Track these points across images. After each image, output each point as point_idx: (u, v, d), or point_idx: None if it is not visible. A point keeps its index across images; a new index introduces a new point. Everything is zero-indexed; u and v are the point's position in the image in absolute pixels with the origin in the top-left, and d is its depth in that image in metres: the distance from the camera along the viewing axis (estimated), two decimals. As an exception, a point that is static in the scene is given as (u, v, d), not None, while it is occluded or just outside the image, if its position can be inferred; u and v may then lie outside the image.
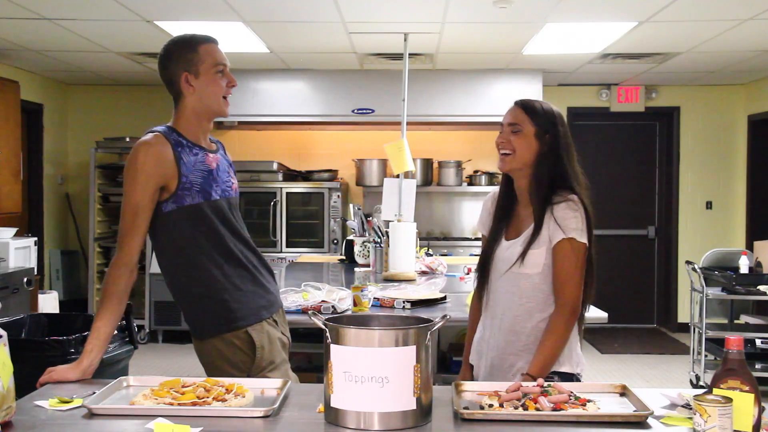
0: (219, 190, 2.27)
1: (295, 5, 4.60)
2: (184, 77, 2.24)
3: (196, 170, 2.21)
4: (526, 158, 2.20)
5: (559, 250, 2.13)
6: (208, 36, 2.28)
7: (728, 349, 1.59)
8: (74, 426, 1.68)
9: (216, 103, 2.25)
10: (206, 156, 2.26)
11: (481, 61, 6.43)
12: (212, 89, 2.24)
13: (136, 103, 7.66)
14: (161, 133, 2.22)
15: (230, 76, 2.27)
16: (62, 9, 4.70)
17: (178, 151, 2.19)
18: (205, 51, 2.23)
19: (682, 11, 4.64)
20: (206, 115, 2.28)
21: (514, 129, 2.21)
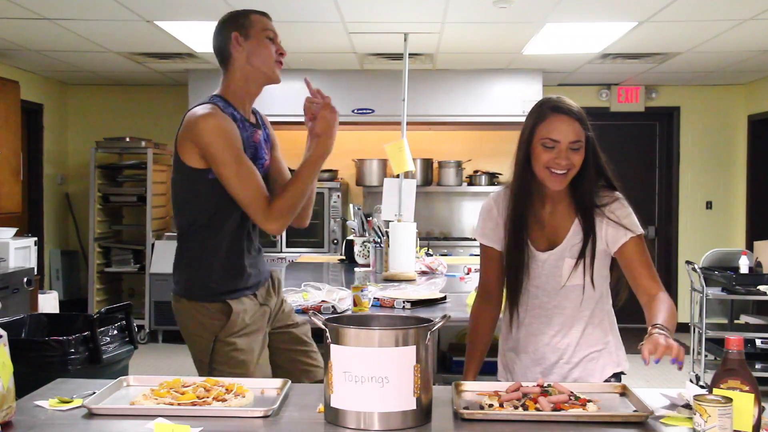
0: (260, 165, 2.33)
1: (295, 5, 4.60)
2: (234, 36, 2.27)
3: (249, 144, 2.27)
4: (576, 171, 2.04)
5: (631, 250, 2.03)
6: (263, 11, 2.35)
7: (728, 349, 1.59)
8: (74, 426, 1.68)
9: (266, 65, 2.28)
10: (255, 132, 2.32)
11: (481, 61, 6.43)
12: (261, 50, 2.27)
13: (136, 103, 7.65)
14: (217, 105, 2.23)
15: (280, 45, 2.31)
16: (62, 9, 4.70)
17: (238, 125, 2.24)
18: (257, 18, 2.30)
19: (682, 11, 4.64)
20: (255, 79, 2.30)
21: (576, 146, 2.01)
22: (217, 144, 2.17)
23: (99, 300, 7.05)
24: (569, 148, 2.00)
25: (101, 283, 7.14)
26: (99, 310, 3.24)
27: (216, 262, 2.29)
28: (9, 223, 6.00)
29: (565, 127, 2.00)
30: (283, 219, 2.24)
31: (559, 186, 2.03)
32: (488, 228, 2.18)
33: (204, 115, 2.19)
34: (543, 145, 2.01)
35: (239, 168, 2.18)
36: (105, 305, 5.00)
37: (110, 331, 3.23)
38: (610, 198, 2.07)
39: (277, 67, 2.30)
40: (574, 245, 2.07)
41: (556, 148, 2.00)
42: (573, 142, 2.00)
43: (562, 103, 2.04)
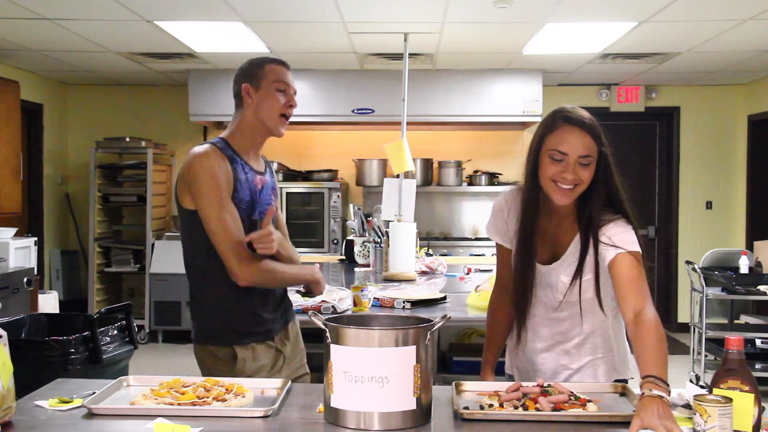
0: (258, 211, 2.30)
1: (295, 5, 4.60)
2: (245, 88, 2.28)
3: (245, 188, 2.25)
4: (586, 186, 1.94)
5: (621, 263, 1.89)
6: (281, 60, 2.34)
7: (728, 349, 1.59)
8: (74, 426, 1.68)
9: (271, 119, 2.28)
10: (255, 176, 2.30)
11: (481, 61, 6.43)
12: (269, 103, 2.27)
13: (136, 103, 7.65)
14: (216, 146, 2.24)
15: (291, 97, 2.31)
16: (62, 9, 4.70)
17: (234, 166, 2.23)
18: (271, 69, 2.29)
19: (682, 11, 4.64)
20: (260, 130, 2.31)
21: (585, 162, 1.90)
22: (201, 182, 2.15)
23: (99, 300, 7.05)
24: (578, 162, 1.91)
25: (101, 283, 7.14)
26: (99, 310, 3.23)
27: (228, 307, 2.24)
28: (9, 223, 5.99)
29: (574, 140, 1.91)
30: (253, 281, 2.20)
31: (564, 201, 1.95)
32: (498, 227, 2.18)
33: (198, 154, 2.19)
34: (551, 157, 1.93)
35: (221, 211, 2.15)
36: (105, 305, 5.00)
37: (110, 331, 3.23)
38: (610, 218, 1.97)
39: (280, 122, 2.30)
40: (572, 262, 2.01)
41: (563, 161, 1.91)
42: (582, 156, 1.90)
43: (575, 114, 1.95)
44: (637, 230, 1.96)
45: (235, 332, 2.24)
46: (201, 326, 2.29)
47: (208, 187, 2.15)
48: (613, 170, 1.97)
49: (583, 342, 2.11)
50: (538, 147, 1.97)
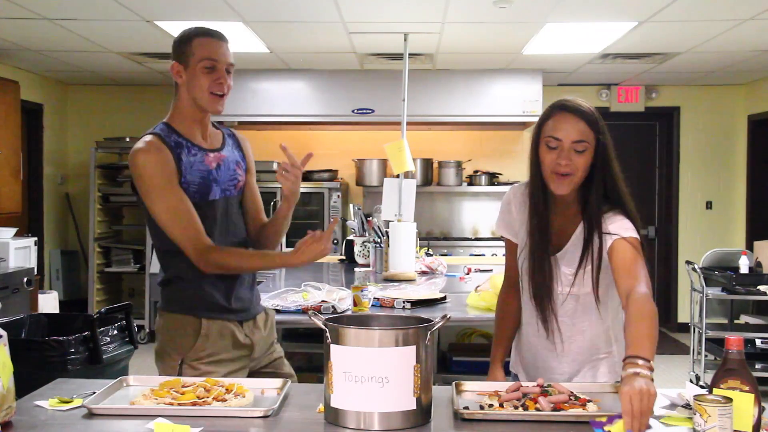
0: (219, 190, 2.26)
1: (295, 5, 4.60)
2: (174, 67, 2.24)
3: (194, 170, 2.20)
4: (583, 177, 1.95)
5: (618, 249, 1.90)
6: (209, 30, 2.25)
7: (728, 349, 1.59)
8: (74, 426, 1.68)
9: (202, 98, 2.21)
10: (205, 156, 2.25)
11: (481, 61, 6.43)
12: (197, 83, 2.20)
13: (136, 103, 7.66)
14: (158, 135, 2.20)
15: (222, 73, 2.22)
16: (62, 9, 4.70)
17: (177, 152, 2.19)
18: (198, 44, 2.20)
19: (682, 11, 4.64)
20: (197, 108, 2.24)
21: (579, 148, 1.92)
22: (143, 179, 2.16)
23: (99, 300, 7.05)
24: (573, 149, 1.92)
25: (101, 283, 7.14)
26: (99, 310, 3.24)
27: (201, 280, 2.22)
28: (9, 223, 6.00)
29: (568, 126, 1.93)
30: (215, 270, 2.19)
31: (562, 190, 1.95)
32: (505, 221, 2.19)
33: (136, 150, 2.18)
34: (547, 145, 1.95)
35: (164, 207, 2.14)
36: (105, 305, 5.00)
37: (110, 331, 3.23)
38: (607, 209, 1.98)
39: (212, 100, 2.21)
40: (574, 253, 2.02)
41: (558, 148, 1.93)
42: (576, 141, 1.92)
43: (570, 102, 1.97)
44: (635, 220, 1.97)
45: (203, 303, 2.22)
46: (170, 295, 2.26)
47: (151, 183, 2.15)
48: (613, 161, 1.97)
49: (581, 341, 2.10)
50: (537, 137, 2.00)
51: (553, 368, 2.13)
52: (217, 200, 2.25)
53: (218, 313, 2.23)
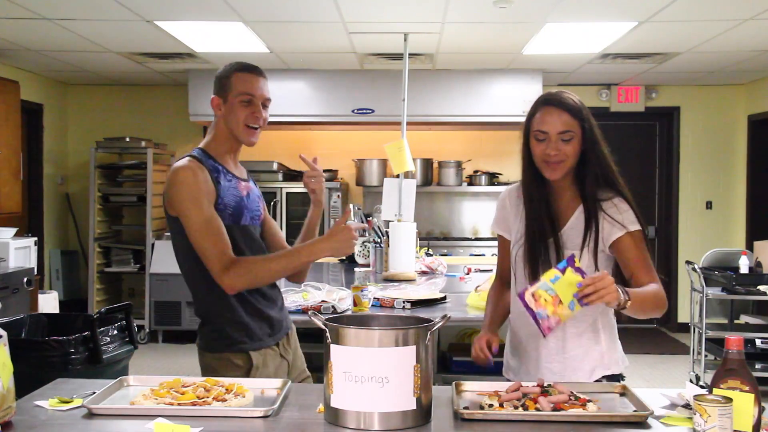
0: (248, 216, 2.32)
1: (295, 5, 4.60)
2: (214, 100, 2.32)
3: (229, 194, 2.26)
4: (573, 162, 2.09)
5: (625, 245, 2.06)
6: (248, 66, 2.34)
7: (728, 349, 1.59)
8: (74, 426, 1.68)
9: (237, 130, 2.29)
10: (238, 183, 2.32)
11: (481, 61, 6.43)
12: (233, 117, 2.28)
13: (136, 103, 7.66)
14: (196, 158, 2.25)
15: (258, 107, 2.30)
16: (62, 9, 4.70)
17: (215, 175, 2.24)
18: (237, 78, 2.29)
19: (682, 11, 4.64)
20: (233, 139, 2.32)
21: (566, 137, 2.06)
22: (180, 195, 2.18)
23: (99, 300, 7.05)
24: (560, 139, 2.06)
25: (101, 283, 7.14)
26: (99, 310, 3.23)
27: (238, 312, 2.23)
28: (9, 223, 5.99)
29: (553, 119, 2.07)
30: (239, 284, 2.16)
31: (555, 176, 2.09)
32: (500, 218, 2.30)
33: (177, 168, 2.21)
34: (535, 138, 2.10)
35: (199, 219, 2.16)
36: (105, 305, 5.00)
37: (110, 331, 3.23)
38: (610, 194, 2.11)
39: (247, 133, 2.29)
40: (572, 235, 2.12)
41: (546, 139, 2.07)
42: (561, 132, 2.06)
43: (554, 96, 2.12)
44: (634, 207, 2.11)
45: (249, 338, 2.24)
46: (213, 333, 2.26)
47: (191, 194, 2.16)
48: (600, 143, 2.11)
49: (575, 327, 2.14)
50: (527, 131, 2.14)
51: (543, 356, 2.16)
52: (248, 226, 2.31)
53: (261, 342, 2.26)
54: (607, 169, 2.12)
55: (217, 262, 2.14)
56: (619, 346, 2.22)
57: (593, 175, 2.10)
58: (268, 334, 2.29)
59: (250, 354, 2.23)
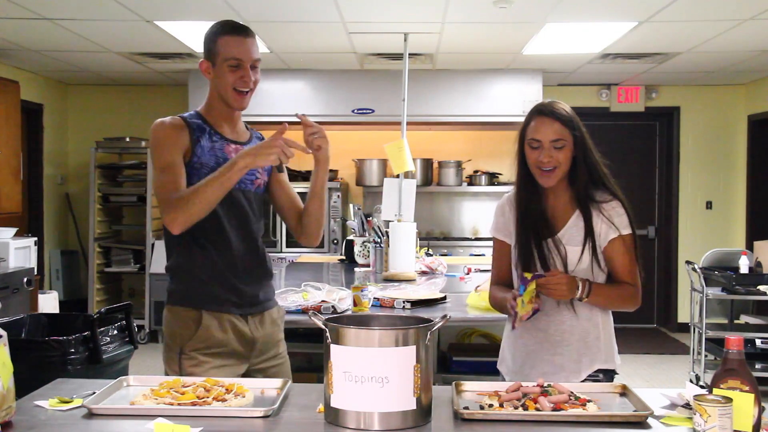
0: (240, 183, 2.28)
1: (295, 5, 4.60)
2: (203, 64, 2.34)
3: (210, 154, 2.26)
4: (566, 170, 2.21)
5: (616, 247, 2.19)
6: (234, 26, 2.31)
7: (728, 349, 1.59)
8: (74, 426, 1.68)
9: (226, 95, 2.28)
10: (226, 144, 2.30)
11: (481, 61, 6.43)
12: (221, 81, 2.28)
13: (136, 103, 7.66)
14: (182, 117, 2.29)
15: (246, 71, 2.27)
16: (62, 9, 4.70)
17: (197, 135, 2.26)
18: (224, 42, 2.28)
19: (682, 11, 4.64)
20: (223, 102, 2.32)
21: (558, 145, 2.18)
22: (150, 145, 2.26)
23: (99, 300, 7.05)
24: (552, 146, 2.17)
25: (101, 283, 7.14)
26: (99, 310, 3.23)
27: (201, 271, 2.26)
28: (9, 223, 5.99)
29: (545, 128, 2.18)
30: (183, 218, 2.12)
31: (549, 183, 2.20)
32: (500, 223, 2.37)
33: (157, 121, 2.27)
34: (530, 145, 2.21)
35: (158, 164, 2.20)
36: (105, 305, 5.00)
37: (110, 331, 3.23)
38: (607, 197, 2.22)
39: (235, 96, 2.28)
40: (573, 235, 2.21)
41: (539, 148, 2.18)
42: (554, 140, 2.17)
43: (546, 106, 2.22)
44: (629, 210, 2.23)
45: (205, 295, 2.25)
46: (172, 288, 2.31)
47: (155, 151, 2.22)
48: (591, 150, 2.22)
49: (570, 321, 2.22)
50: (522, 139, 2.25)
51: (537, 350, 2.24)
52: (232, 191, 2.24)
53: (219, 306, 2.25)
54: (599, 173, 2.23)
55: (163, 202, 2.16)
56: (615, 343, 2.29)
57: (585, 179, 2.20)
58: (233, 303, 2.27)
59: (202, 312, 2.23)
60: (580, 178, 2.20)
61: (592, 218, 2.20)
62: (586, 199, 2.20)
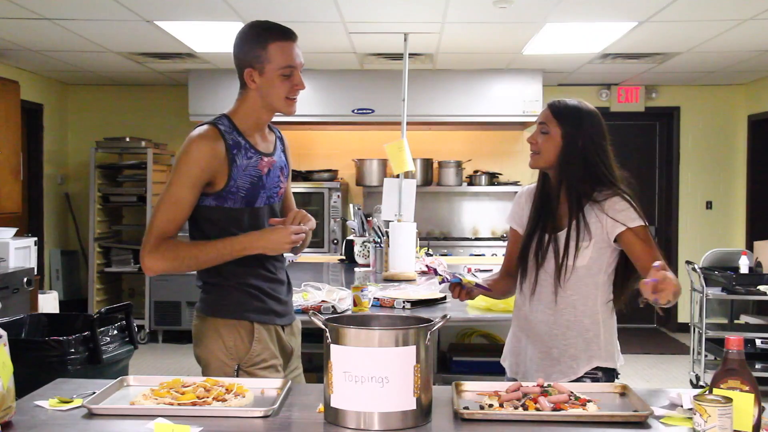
0: (264, 197, 2.22)
1: (295, 5, 4.60)
2: (248, 73, 2.15)
3: (246, 175, 2.15)
4: (551, 158, 2.23)
5: (630, 240, 2.18)
6: (285, 31, 2.18)
7: (728, 349, 1.59)
8: (74, 426, 1.68)
9: (278, 103, 2.17)
10: (260, 160, 2.19)
11: (481, 61, 6.43)
12: (274, 91, 2.15)
13: (136, 103, 7.65)
14: (218, 128, 2.14)
15: (298, 78, 2.16)
16: (62, 9, 4.70)
17: (233, 153, 2.13)
18: (276, 50, 2.13)
19: (682, 11, 4.64)
20: (266, 110, 2.21)
21: (543, 129, 2.25)
22: (178, 162, 2.11)
23: (99, 300, 7.05)
24: (539, 130, 2.26)
25: (101, 283, 7.14)
26: (99, 310, 3.24)
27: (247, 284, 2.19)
28: (9, 223, 5.99)
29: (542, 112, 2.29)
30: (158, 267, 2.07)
31: (531, 164, 2.29)
32: (516, 213, 2.42)
33: (192, 137, 2.12)
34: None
35: (171, 192, 2.08)
36: (105, 305, 5.00)
37: (110, 331, 3.23)
38: (608, 194, 2.22)
39: (287, 104, 2.17)
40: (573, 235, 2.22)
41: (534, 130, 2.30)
42: (540, 123, 2.26)
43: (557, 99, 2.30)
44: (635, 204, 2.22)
45: (256, 306, 2.18)
46: (216, 300, 2.18)
47: (179, 167, 2.09)
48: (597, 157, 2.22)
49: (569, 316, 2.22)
50: None
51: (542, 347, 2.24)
52: (261, 208, 2.21)
53: (268, 316, 2.21)
54: (600, 171, 2.23)
55: (152, 238, 2.07)
56: (617, 342, 2.29)
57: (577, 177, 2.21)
58: (276, 313, 2.23)
59: (254, 324, 2.17)
60: (570, 175, 2.22)
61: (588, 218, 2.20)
62: (581, 198, 2.21)
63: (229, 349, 2.16)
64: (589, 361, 2.20)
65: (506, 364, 2.38)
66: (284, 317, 2.29)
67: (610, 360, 2.23)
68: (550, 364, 2.22)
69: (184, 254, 2.08)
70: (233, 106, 2.23)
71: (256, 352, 2.17)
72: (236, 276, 2.18)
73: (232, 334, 2.16)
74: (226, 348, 2.16)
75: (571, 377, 2.18)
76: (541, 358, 2.24)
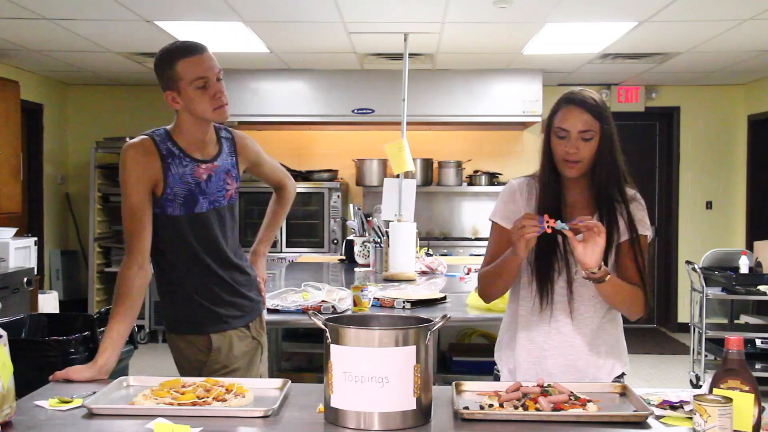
0: (206, 202, 2.27)
1: (295, 5, 4.60)
2: (168, 95, 2.22)
3: (182, 182, 2.23)
4: (591, 160, 2.09)
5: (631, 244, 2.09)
6: (187, 47, 2.21)
7: (728, 349, 1.59)
8: (74, 426, 1.68)
9: (206, 114, 2.22)
10: (196, 167, 2.25)
11: (481, 61, 6.43)
12: (197, 105, 2.20)
13: (136, 103, 7.65)
14: (153, 139, 2.23)
15: (216, 86, 2.19)
16: (62, 9, 4.70)
17: (168, 162, 2.21)
18: (183, 67, 2.17)
19: (682, 11, 4.64)
20: (200, 124, 2.26)
21: (586, 137, 2.06)
22: (121, 176, 2.21)
23: (99, 300, 7.05)
24: (580, 138, 2.05)
25: (101, 283, 7.14)
26: (99, 310, 3.23)
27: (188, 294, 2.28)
28: (9, 223, 5.99)
29: (574, 117, 2.06)
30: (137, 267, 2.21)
31: (572, 174, 2.08)
32: (510, 211, 2.18)
33: (128, 145, 2.23)
34: (557, 135, 2.09)
35: (126, 205, 2.20)
36: (105, 305, 5.00)
37: (110, 331, 3.22)
38: (631, 196, 2.16)
39: (216, 114, 2.21)
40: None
41: (566, 138, 2.06)
42: (582, 131, 2.05)
43: (576, 94, 2.13)
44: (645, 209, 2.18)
45: (212, 318, 2.28)
46: (172, 315, 2.32)
47: (123, 179, 2.20)
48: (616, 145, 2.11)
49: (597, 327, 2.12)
50: (548, 128, 2.14)
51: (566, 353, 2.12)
52: (204, 213, 2.27)
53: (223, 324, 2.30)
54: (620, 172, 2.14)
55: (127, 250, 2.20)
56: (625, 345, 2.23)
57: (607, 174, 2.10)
58: (235, 317, 2.32)
59: (210, 336, 2.27)
60: (603, 174, 2.09)
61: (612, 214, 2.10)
62: (608, 197, 2.10)
63: (191, 362, 2.29)
64: (613, 368, 2.13)
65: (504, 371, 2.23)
66: (244, 317, 2.36)
67: (628, 363, 2.19)
68: (577, 377, 2.10)
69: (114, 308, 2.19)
70: (172, 123, 2.30)
71: (214, 361, 2.27)
72: (187, 287, 2.28)
73: (191, 349, 2.30)
74: (188, 361, 2.30)
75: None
76: (563, 372, 2.11)
